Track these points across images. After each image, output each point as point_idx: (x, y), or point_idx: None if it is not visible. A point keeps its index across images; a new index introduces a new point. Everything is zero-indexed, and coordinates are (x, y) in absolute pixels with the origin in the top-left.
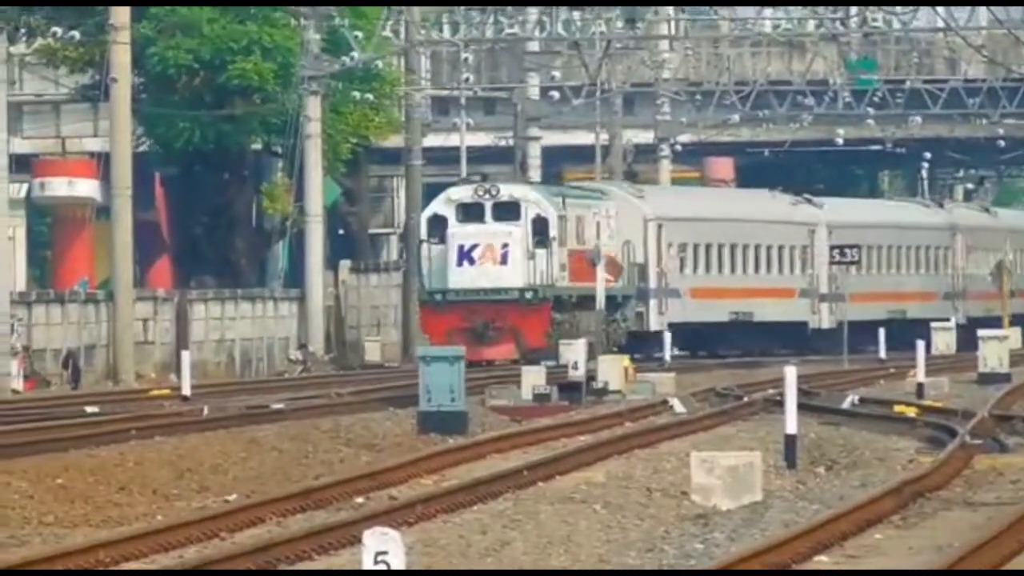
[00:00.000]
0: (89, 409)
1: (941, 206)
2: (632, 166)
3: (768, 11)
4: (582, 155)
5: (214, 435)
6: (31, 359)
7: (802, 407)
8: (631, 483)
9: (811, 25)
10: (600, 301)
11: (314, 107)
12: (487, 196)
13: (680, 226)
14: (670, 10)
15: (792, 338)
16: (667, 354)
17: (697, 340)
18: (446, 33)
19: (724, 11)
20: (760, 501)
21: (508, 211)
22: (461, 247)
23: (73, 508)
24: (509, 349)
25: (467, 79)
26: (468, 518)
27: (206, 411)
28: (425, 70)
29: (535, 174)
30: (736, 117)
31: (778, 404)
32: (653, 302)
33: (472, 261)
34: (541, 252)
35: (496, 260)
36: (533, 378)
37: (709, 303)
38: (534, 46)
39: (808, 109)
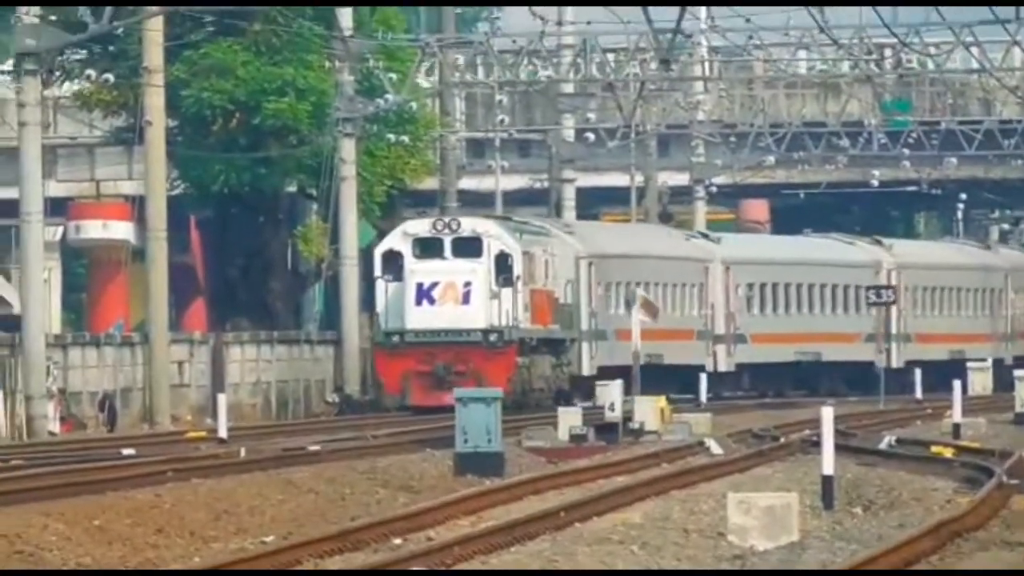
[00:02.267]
0: (125, 451)
1: (879, 243)
2: (667, 208)
3: (803, 52)
4: (617, 197)
5: (251, 477)
6: (67, 402)
7: (839, 448)
8: (668, 524)
9: (846, 66)
10: (636, 342)
11: (349, 149)
12: (447, 231)
13: (608, 264)
14: (704, 51)
15: (690, 382)
16: (703, 395)
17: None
18: (480, 75)
19: (759, 52)
20: (797, 542)
21: (469, 247)
22: (420, 285)
23: (110, 550)
24: None
25: (502, 121)
26: (506, 559)
27: (243, 453)
28: (460, 112)
29: (570, 216)
30: (771, 159)
31: (815, 445)
32: (585, 345)
33: (432, 300)
34: (506, 291)
35: (457, 299)
36: (570, 419)
37: (627, 345)
38: (568, 88)
39: (843, 150)
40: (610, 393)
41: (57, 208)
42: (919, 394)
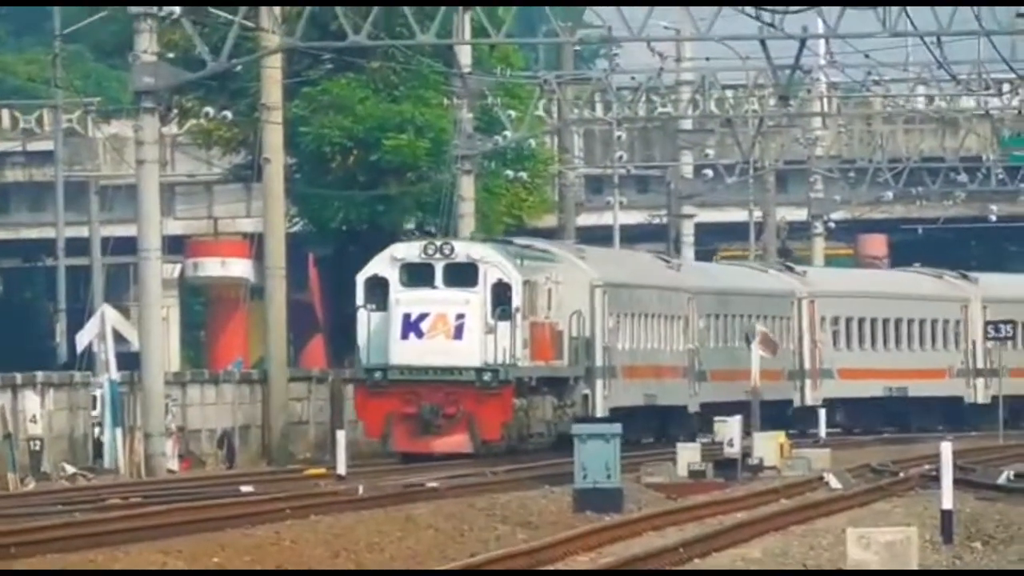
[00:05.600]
0: (244, 488)
1: (791, 269)
2: (786, 243)
3: (921, 88)
4: (736, 233)
5: (370, 514)
6: (186, 439)
7: (958, 483)
8: (787, 559)
9: (964, 102)
10: (755, 377)
11: (467, 186)
12: (438, 256)
13: (618, 293)
14: (823, 87)
15: (678, 421)
16: (822, 430)
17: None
18: (599, 112)
19: (877, 88)
20: None
21: (463, 274)
22: (407, 316)
23: None
24: (461, 440)
25: (620, 157)
26: None
27: (361, 490)
28: (578, 149)
29: (689, 253)
30: (889, 194)
31: (934, 480)
32: (599, 382)
33: (420, 333)
34: (503, 325)
35: (449, 333)
36: (688, 455)
37: (632, 384)
38: (687, 124)
39: (961, 186)
40: (729, 429)
41: (175, 246)
42: None
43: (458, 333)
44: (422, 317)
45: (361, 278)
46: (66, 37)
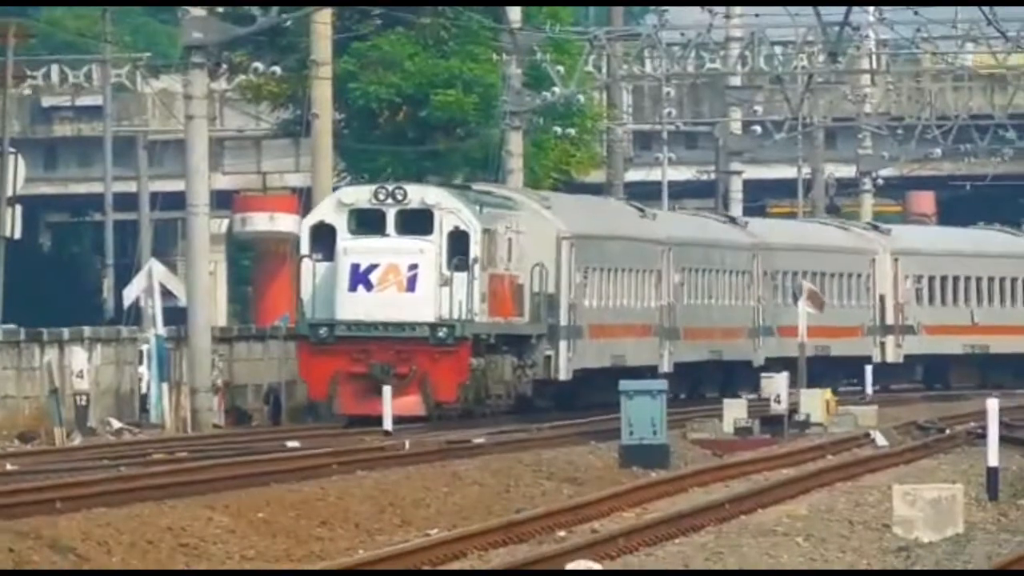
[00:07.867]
0: (290, 444)
1: (733, 220)
2: (834, 200)
3: (970, 45)
4: (784, 189)
5: (415, 469)
6: (232, 394)
7: (1004, 440)
8: (833, 516)
9: (1013, 59)
10: (802, 335)
11: (516, 142)
12: (390, 201)
13: (586, 245)
14: (872, 45)
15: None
16: (869, 387)
17: (575, 391)
18: (648, 68)
19: (926, 45)
20: (962, 533)
21: (418, 222)
22: (355, 267)
23: (275, 543)
24: (414, 402)
25: (669, 113)
26: (670, 551)
27: (407, 446)
28: (627, 105)
29: (737, 209)
30: (938, 151)
31: (980, 437)
32: (564, 343)
33: (369, 286)
34: (459, 277)
35: (401, 286)
36: (735, 412)
37: (599, 344)
38: (736, 80)
39: (1010, 143)
40: (776, 385)
41: (223, 201)
42: None
43: (411, 285)
44: (372, 268)
45: (305, 225)
46: None
